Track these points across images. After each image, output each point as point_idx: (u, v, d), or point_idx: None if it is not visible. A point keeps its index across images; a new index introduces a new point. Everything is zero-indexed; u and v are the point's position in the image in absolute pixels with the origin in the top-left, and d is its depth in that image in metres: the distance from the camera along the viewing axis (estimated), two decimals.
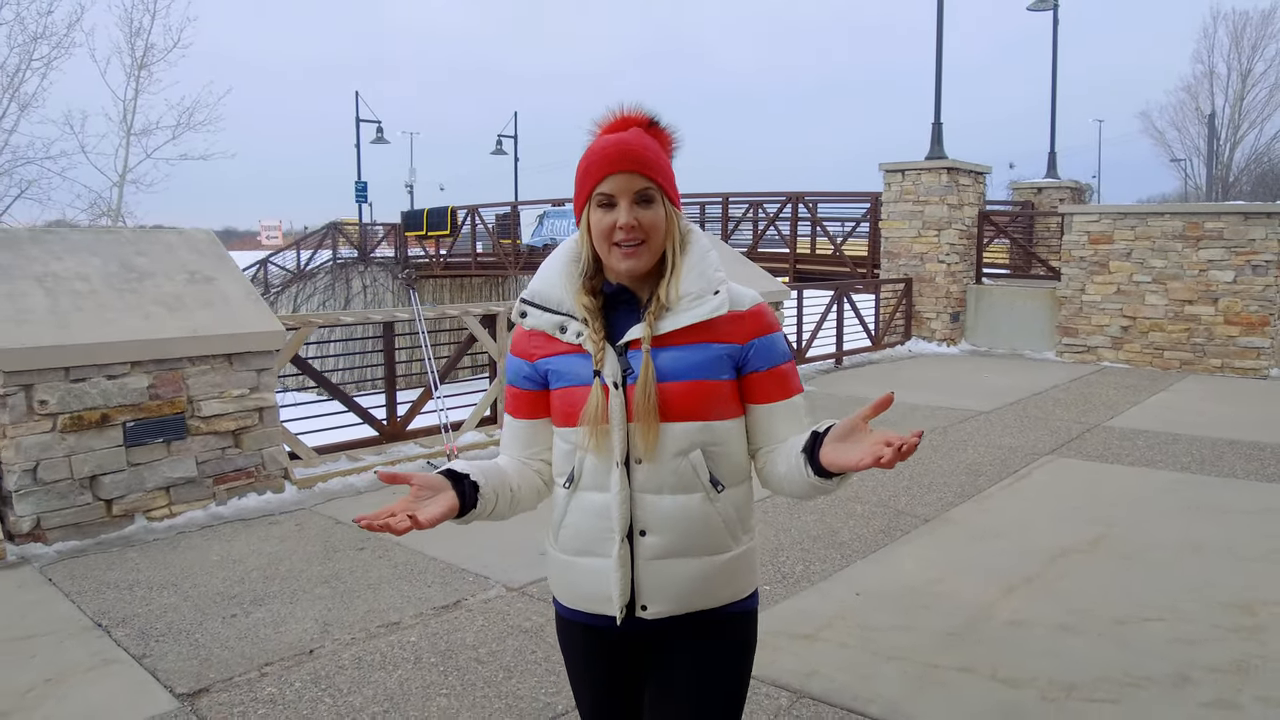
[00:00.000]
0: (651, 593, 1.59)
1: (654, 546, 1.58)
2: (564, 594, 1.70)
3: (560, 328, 1.62)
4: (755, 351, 1.61)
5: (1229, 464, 6.28)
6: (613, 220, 1.55)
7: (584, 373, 1.58)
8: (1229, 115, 40.57)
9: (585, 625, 1.68)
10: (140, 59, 20.48)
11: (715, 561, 1.61)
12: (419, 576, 4.18)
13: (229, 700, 3.06)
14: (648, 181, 1.56)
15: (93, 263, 5.19)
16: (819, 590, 4.00)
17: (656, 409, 1.54)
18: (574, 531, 1.64)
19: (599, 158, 1.57)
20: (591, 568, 1.61)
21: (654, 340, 1.56)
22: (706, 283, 1.59)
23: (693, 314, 1.57)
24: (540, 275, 1.69)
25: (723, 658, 1.65)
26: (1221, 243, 10.63)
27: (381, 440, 6.52)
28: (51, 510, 4.64)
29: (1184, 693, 3.08)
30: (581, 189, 1.60)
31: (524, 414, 1.70)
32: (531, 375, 1.67)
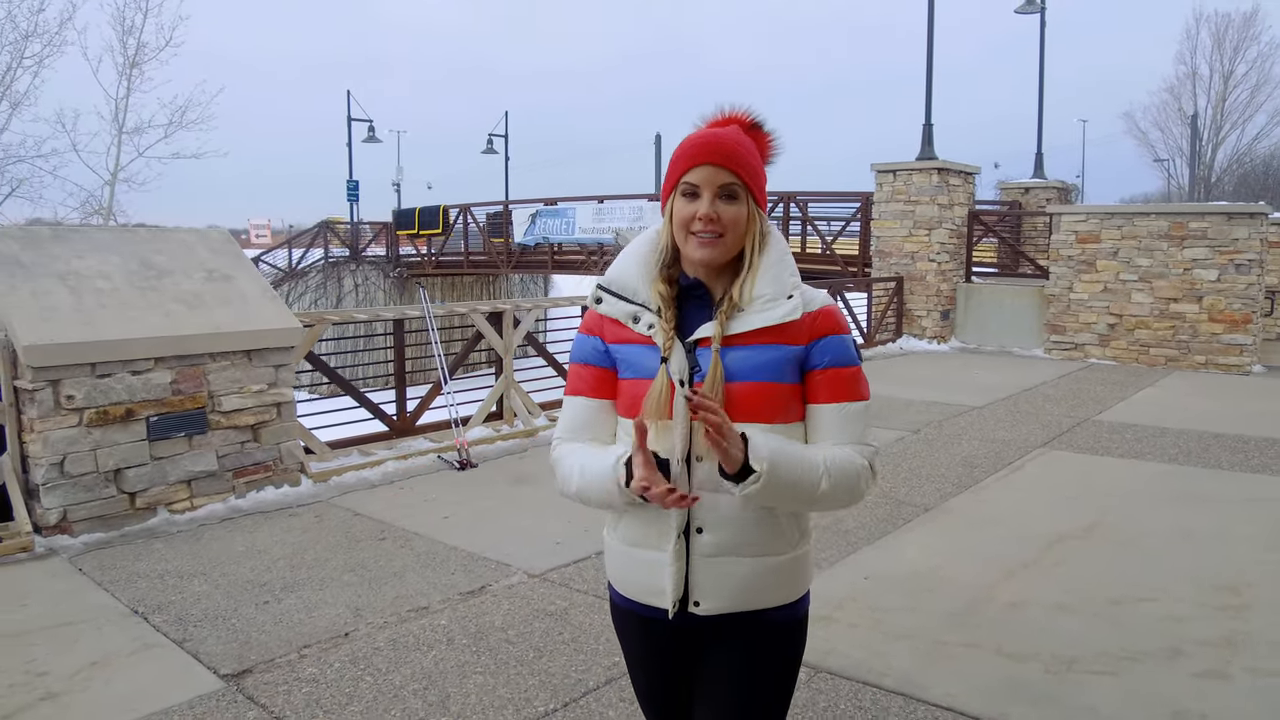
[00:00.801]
0: (705, 589, 1.60)
1: (710, 544, 1.59)
2: (620, 583, 1.72)
3: (633, 317, 1.62)
4: (816, 350, 1.59)
5: (1215, 456, 6.49)
6: (693, 210, 1.56)
7: (652, 365, 1.58)
8: (1211, 116, 41.09)
9: (639, 615, 1.70)
10: (132, 57, 20.55)
11: (770, 563, 1.62)
12: (441, 564, 4.33)
13: (273, 680, 3.20)
14: (733, 177, 1.56)
15: (113, 261, 5.31)
16: (829, 575, 4.18)
17: (724, 408, 1.51)
18: (632, 523, 1.66)
19: (689, 148, 1.58)
20: (647, 560, 1.63)
21: (723, 340, 1.56)
22: (781, 286, 1.59)
23: (765, 316, 1.56)
24: (618, 263, 1.70)
25: (772, 658, 1.66)
26: (1206, 242, 10.88)
27: (392, 435, 6.66)
28: (78, 503, 4.76)
29: (1177, 664, 3.27)
30: (670, 177, 1.61)
31: (590, 392, 1.68)
32: (603, 352, 1.66)
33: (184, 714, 2.97)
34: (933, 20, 13.34)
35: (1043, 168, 17.68)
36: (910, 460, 6.35)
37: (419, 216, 24.78)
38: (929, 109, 13.39)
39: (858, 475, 1.59)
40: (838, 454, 1.58)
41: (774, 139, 1.66)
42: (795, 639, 1.71)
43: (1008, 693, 3.07)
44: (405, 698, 3.05)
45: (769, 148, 1.66)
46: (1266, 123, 41.24)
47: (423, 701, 3.03)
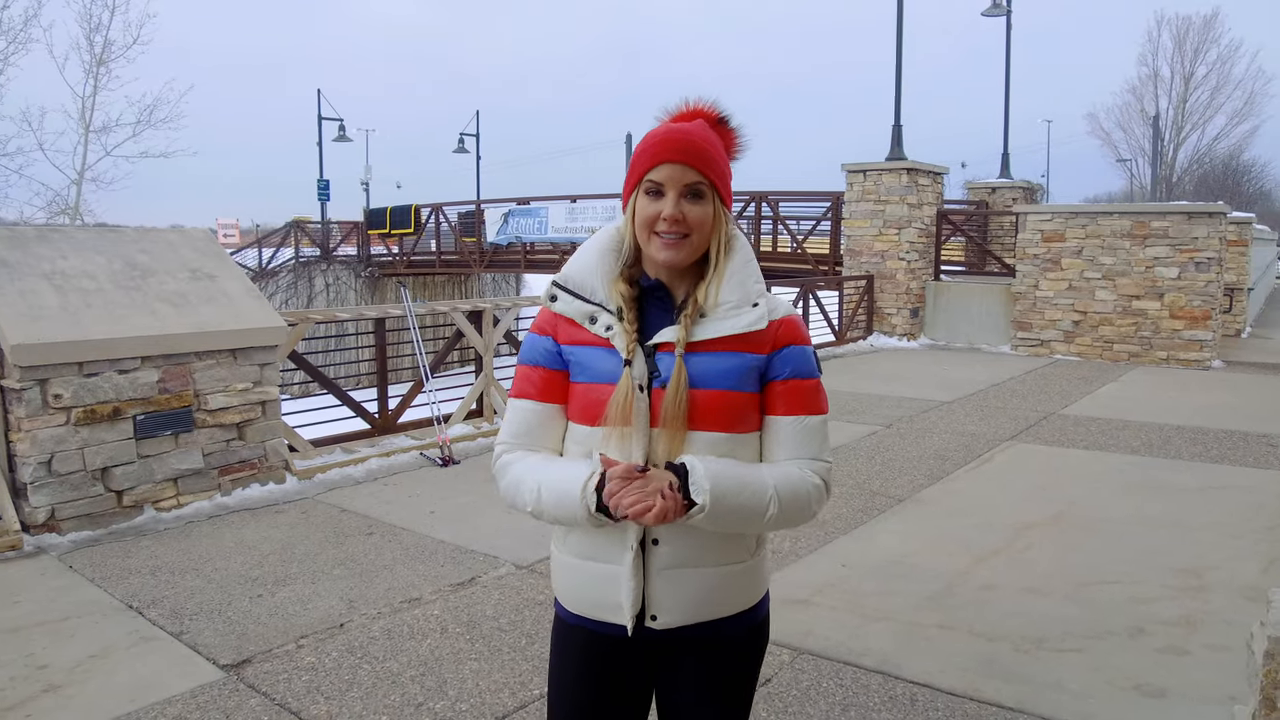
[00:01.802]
0: (662, 602, 1.54)
1: (667, 556, 1.53)
2: (570, 599, 1.63)
3: (590, 318, 1.55)
4: (777, 361, 1.55)
5: (1176, 447, 6.71)
6: (658, 210, 1.50)
7: (608, 369, 1.52)
8: (1172, 117, 41.92)
9: (590, 631, 1.61)
10: (99, 55, 20.46)
11: (728, 572, 1.57)
12: (430, 557, 4.42)
13: (272, 669, 3.29)
14: (700, 176, 1.50)
15: (98, 261, 5.35)
16: (807, 563, 4.32)
17: (686, 416, 1.48)
18: (585, 537, 1.57)
19: (654, 144, 1.51)
20: (601, 574, 1.56)
21: (686, 345, 1.51)
22: (746, 293, 1.54)
23: (731, 324, 1.51)
24: (575, 260, 1.61)
25: (734, 666, 1.63)
26: (1167, 241, 11.18)
27: (374, 433, 6.74)
28: (65, 501, 4.80)
29: (1140, 642, 3.44)
30: (632, 173, 1.54)
31: (538, 396, 1.59)
32: (556, 353, 1.58)
33: (187, 702, 3.05)
34: (901, 23, 13.57)
35: (1009, 168, 17.99)
36: (883, 453, 6.52)
37: (390, 216, 24.75)
38: (898, 110, 13.62)
39: (809, 496, 1.55)
40: (790, 475, 1.53)
41: (740, 134, 1.61)
42: (755, 644, 1.67)
43: (980, 670, 3.23)
44: (404, 683, 3.15)
45: (735, 143, 1.61)
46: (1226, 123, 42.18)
47: (421, 687, 3.13)
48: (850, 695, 3.06)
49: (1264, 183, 48.97)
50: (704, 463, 1.46)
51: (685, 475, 1.45)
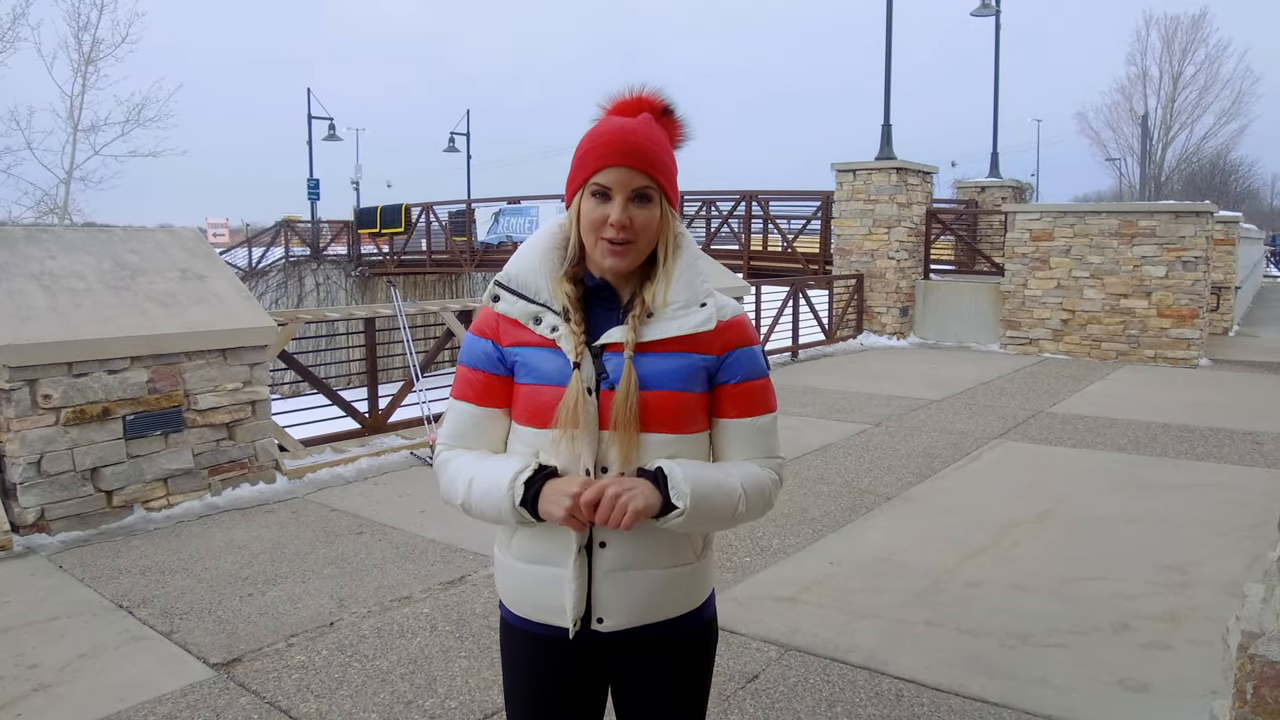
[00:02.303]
0: (608, 605, 1.52)
1: (613, 558, 1.51)
2: (514, 601, 1.62)
3: (534, 318, 1.51)
4: (729, 364, 1.54)
5: (1162, 445, 6.76)
6: (605, 214, 1.46)
7: (553, 370, 1.49)
8: (1161, 116, 42.13)
9: (534, 635, 1.60)
10: (88, 54, 20.39)
11: (674, 574, 1.56)
12: (420, 556, 4.44)
13: (263, 668, 3.30)
14: (648, 180, 1.46)
15: (87, 261, 5.34)
16: (795, 560, 4.35)
17: (637, 418, 1.46)
18: (529, 539, 1.56)
19: (601, 145, 1.47)
20: (545, 577, 1.54)
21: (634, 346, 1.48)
22: (694, 293, 1.52)
23: (679, 325, 1.49)
24: (518, 258, 1.57)
25: (683, 666, 1.63)
26: (1154, 240, 11.24)
27: (364, 432, 6.74)
28: (55, 501, 4.79)
29: (1124, 637, 3.48)
30: (577, 174, 1.49)
31: (477, 399, 1.56)
32: (497, 359, 1.55)
33: (177, 701, 3.06)
34: (891, 23, 13.61)
35: (998, 167, 18.07)
36: (872, 452, 6.55)
37: (381, 215, 24.71)
38: (887, 110, 13.66)
39: (769, 492, 1.57)
40: (752, 473, 1.54)
41: (684, 125, 1.57)
42: (704, 643, 1.66)
43: (966, 666, 3.26)
44: (393, 681, 3.17)
45: (679, 134, 1.57)
46: (1214, 123, 42.40)
47: (410, 684, 3.15)
48: (836, 691, 3.09)
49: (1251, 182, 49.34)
50: (680, 466, 1.46)
51: (663, 480, 1.45)
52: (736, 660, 3.30)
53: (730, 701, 3.02)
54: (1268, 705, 1.28)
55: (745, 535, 4.69)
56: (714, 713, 2.94)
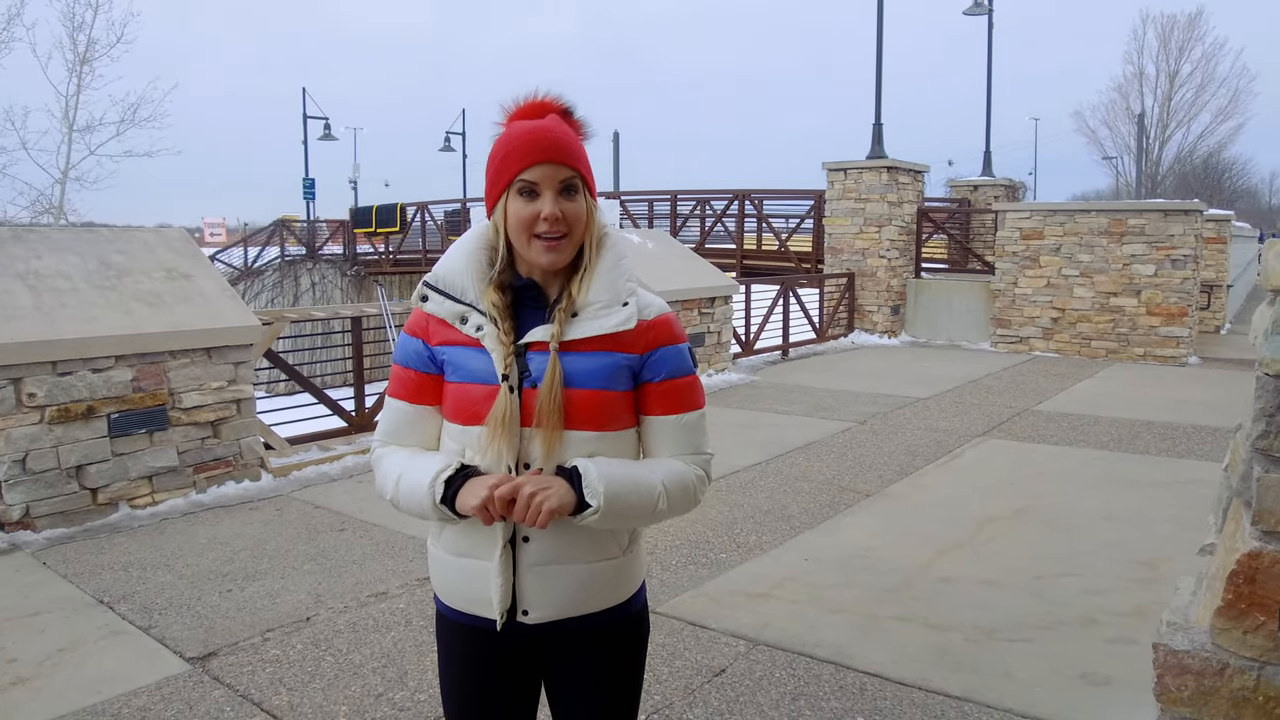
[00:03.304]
0: (533, 598, 1.56)
1: (537, 553, 1.54)
2: (445, 593, 1.65)
3: (461, 318, 1.55)
4: (652, 362, 1.56)
5: (1144, 442, 6.81)
6: (536, 210, 1.49)
7: (479, 369, 1.53)
8: (1158, 115, 42.15)
9: (466, 626, 1.63)
10: (83, 54, 20.40)
11: (598, 568, 1.58)
12: (399, 552, 4.48)
13: (237, 662, 3.34)
14: (573, 171, 1.51)
15: (72, 261, 5.38)
16: (771, 557, 4.39)
17: (561, 415, 1.49)
18: (457, 533, 1.59)
19: (523, 144, 1.50)
20: (473, 570, 1.57)
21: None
22: (616, 292, 1.54)
23: (600, 324, 1.52)
24: (445, 260, 1.61)
25: (612, 657, 1.65)
26: (1143, 238, 11.28)
27: (350, 431, 6.78)
28: (40, 499, 4.83)
29: (1090, 632, 3.52)
30: (500, 177, 1.52)
31: (410, 397, 1.61)
32: (427, 357, 1.59)
33: (152, 694, 3.10)
34: (882, 22, 13.66)
35: (991, 166, 18.12)
36: (855, 450, 6.60)
37: (376, 215, 24.78)
38: (879, 109, 13.71)
39: (694, 488, 1.59)
40: (674, 469, 1.57)
41: (585, 125, 1.61)
42: (632, 635, 1.69)
43: (931, 660, 3.30)
44: (365, 675, 3.21)
45: (582, 134, 1.60)
46: (1211, 121, 42.43)
47: (381, 678, 3.19)
48: (801, 685, 3.13)
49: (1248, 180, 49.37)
50: (596, 464, 1.49)
51: (577, 478, 1.48)
52: (705, 655, 3.35)
53: (695, 695, 3.06)
54: (1171, 693, 1.32)
55: (722, 532, 4.73)
56: (678, 705, 2.99)
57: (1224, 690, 1.27)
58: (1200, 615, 1.44)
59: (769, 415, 7.93)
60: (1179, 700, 1.31)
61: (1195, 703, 1.30)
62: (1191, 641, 1.32)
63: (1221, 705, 1.28)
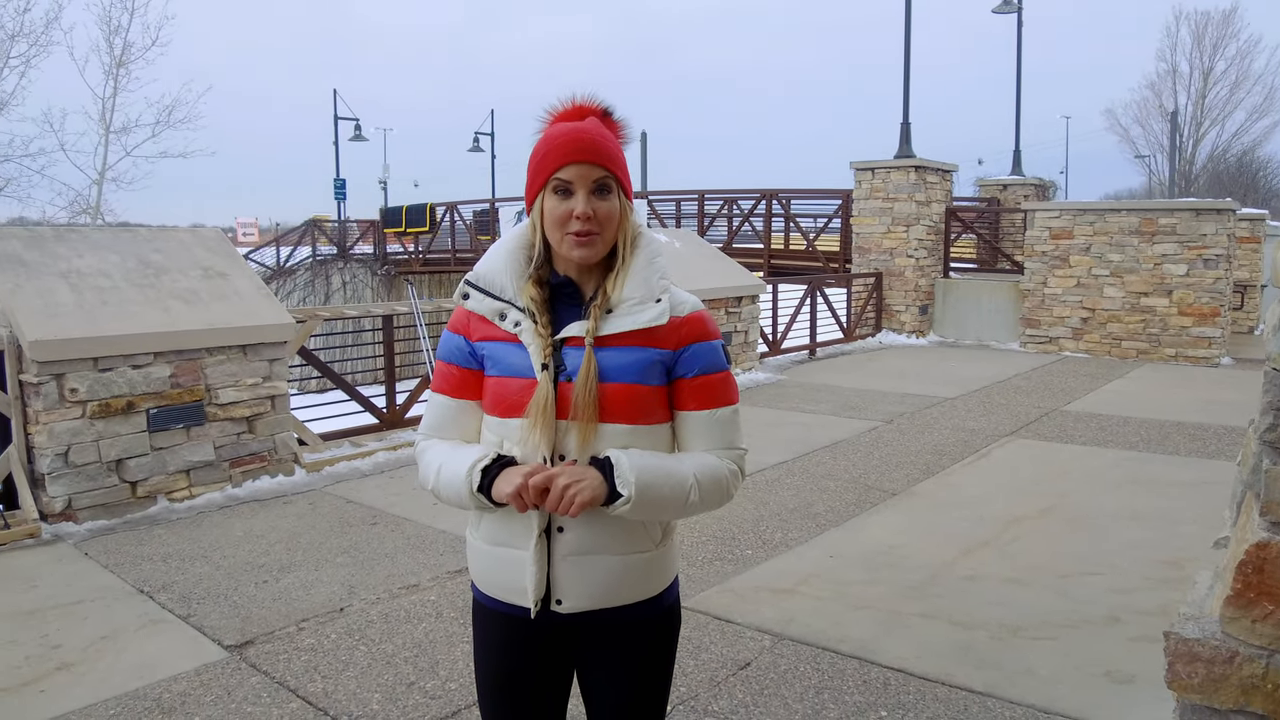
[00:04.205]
0: (567, 588, 1.60)
1: (571, 543, 1.58)
2: (482, 581, 1.70)
3: (500, 314, 1.61)
4: (686, 358, 1.61)
5: (1174, 443, 6.77)
6: (569, 208, 1.55)
7: (517, 363, 1.59)
8: (1191, 113, 41.57)
9: (502, 614, 1.67)
10: (119, 57, 20.70)
11: (632, 561, 1.62)
12: (430, 546, 4.56)
13: (273, 650, 3.43)
14: (606, 172, 1.56)
15: (112, 260, 5.52)
16: (796, 553, 4.43)
17: (596, 409, 1.53)
18: (494, 523, 1.64)
19: (559, 145, 1.56)
20: (509, 559, 1.62)
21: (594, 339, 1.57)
22: (650, 289, 1.59)
23: (633, 320, 1.57)
24: (486, 259, 1.68)
25: (642, 650, 1.69)
26: (1175, 238, 11.18)
27: (382, 427, 6.89)
28: (81, 491, 4.97)
29: (1114, 630, 3.54)
30: (537, 176, 1.58)
31: (452, 392, 1.68)
32: (468, 353, 1.66)
33: (191, 680, 3.20)
34: (910, 20, 13.62)
35: (1020, 165, 17.98)
36: (882, 449, 6.61)
37: (406, 215, 24.98)
38: (906, 108, 13.67)
39: (726, 482, 1.62)
40: (706, 463, 1.60)
41: (624, 127, 1.67)
42: (664, 629, 1.72)
43: (954, 656, 3.33)
44: (398, 664, 3.29)
45: (622, 135, 1.66)
46: (1246, 119, 41.81)
47: (413, 667, 3.27)
48: (825, 679, 3.17)
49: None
50: (628, 456, 1.53)
51: (609, 468, 1.51)
52: (730, 648, 3.40)
53: (721, 687, 3.11)
54: (1182, 680, 1.36)
55: (748, 529, 4.78)
56: (704, 697, 3.05)
57: (1233, 678, 1.31)
58: (1213, 606, 1.47)
59: (795, 414, 7.96)
60: (1190, 687, 1.35)
61: (1205, 690, 1.33)
62: (1202, 630, 1.35)
63: (1231, 692, 1.31)
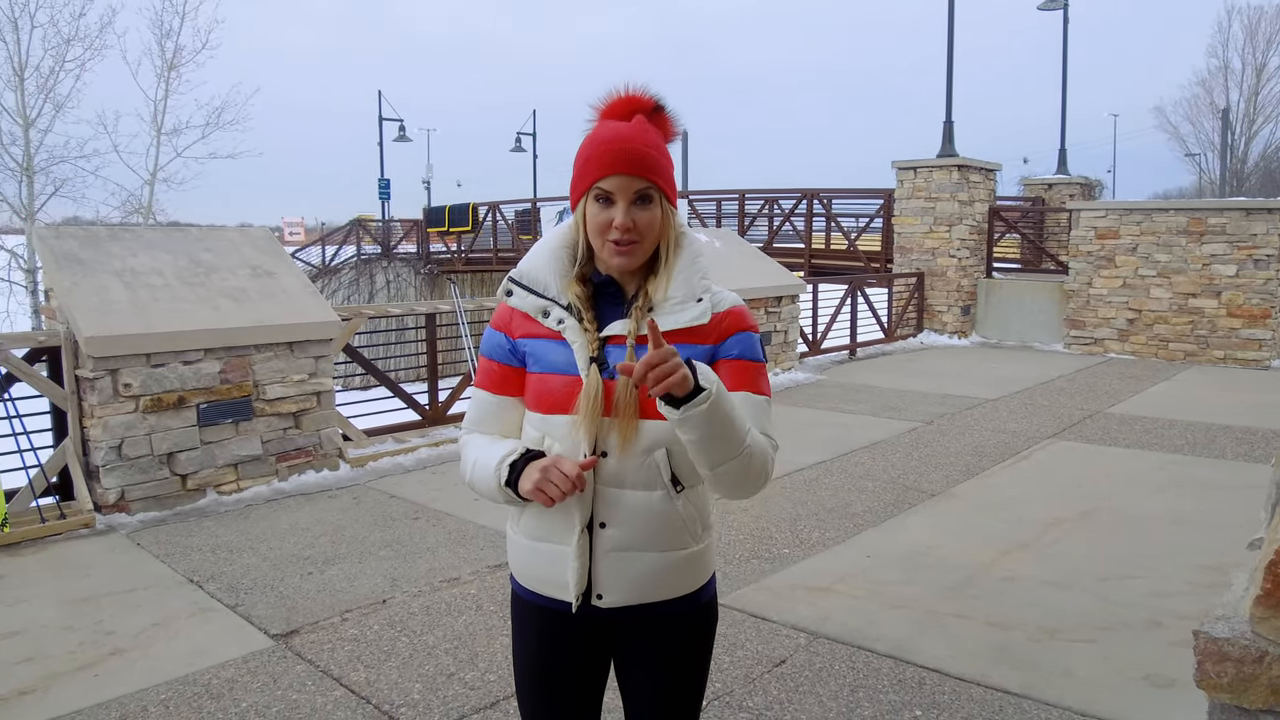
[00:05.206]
0: (608, 583, 1.61)
1: (613, 539, 1.60)
2: (522, 575, 1.72)
3: (543, 312, 1.62)
4: (725, 344, 1.62)
5: (1220, 446, 6.67)
6: (609, 218, 1.55)
7: (559, 360, 1.60)
8: (1244, 110, 40.65)
9: (541, 608, 1.69)
10: (170, 60, 21.09)
11: (672, 557, 1.63)
12: (471, 541, 4.63)
13: (317, 640, 3.52)
14: (647, 183, 1.56)
15: (164, 258, 5.67)
16: (832, 553, 4.44)
17: (637, 406, 1.54)
18: (534, 518, 1.65)
19: (601, 154, 1.56)
20: (550, 553, 1.63)
21: (636, 338, 1.58)
22: (691, 289, 1.61)
23: (676, 319, 1.58)
24: (530, 257, 1.69)
25: (680, 645, 1.70)
26: (1224, 238, 10.98)
27: (424, 424, 6.99)
28: (134, 483, 5.11)
29: (1154, 634, 3.51)
30: (580, 181, 1.59)
31: (494, 388, 1.70)
32: (509, 350, 1.67)
33: (239, 667, 3.29)
34: (953, 17, 13.50)
35: (1066, 164, 17.74)
36: (921, 449, 6.58)
37: (449, 214, 25.22)
38: (949, 106, 13.56)
39: (767, 456, 1.60)
40: (755, 433, 1.58)
41: (675, 120, 1.65)
42: (701, 625, 1.73)
43: (991, 657, 3.33)
44: (438, 655, 3.36)
45: (671, 129, 1.65)
46: None
47: (454, 659, 3.34)
48: (861, 677, 3.19)
49: None
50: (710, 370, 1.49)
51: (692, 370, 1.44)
52: (765, 645, 3.42)
53: (755, 684, 3.14)
54: (1211, 679, 1.36)
55: (785, 528, 4.79)
56: (739, 693, 3.08)
57: (1263, 678, 1.31)
58: (1245, 606, 1.48)
59: (834, 414, 7.94)
60: (1219, 686, 1.36)
61: (1235, 689, 1.34)
62: (1232, 630, 1.36)
63: (1260, 692, 1.32)
